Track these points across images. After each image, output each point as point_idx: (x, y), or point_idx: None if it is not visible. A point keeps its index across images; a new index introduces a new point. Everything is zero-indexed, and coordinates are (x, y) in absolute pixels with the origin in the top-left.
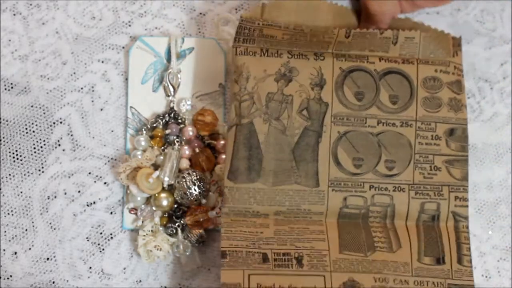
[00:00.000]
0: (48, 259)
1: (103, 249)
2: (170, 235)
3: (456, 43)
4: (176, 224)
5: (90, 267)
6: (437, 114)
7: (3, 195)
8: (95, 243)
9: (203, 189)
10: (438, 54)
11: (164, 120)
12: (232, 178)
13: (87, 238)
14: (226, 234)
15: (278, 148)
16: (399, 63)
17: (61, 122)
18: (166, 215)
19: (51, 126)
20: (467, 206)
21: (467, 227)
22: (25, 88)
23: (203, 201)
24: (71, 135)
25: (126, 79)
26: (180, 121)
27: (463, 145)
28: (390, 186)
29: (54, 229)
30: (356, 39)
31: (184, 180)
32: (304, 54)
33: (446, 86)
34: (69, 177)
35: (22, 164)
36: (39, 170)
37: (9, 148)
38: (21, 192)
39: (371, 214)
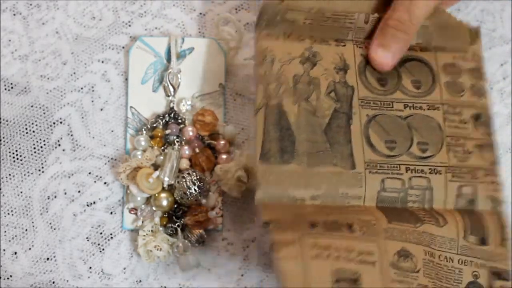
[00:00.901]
0: (48, 259)
1: (103, 249)
2: (170, 235)
3: (474, 31)
4: (176, 224)
5: (90, 267)
6: (461, 99)
7: (3, 195)
8: (95, 243)
9: (203, 189)
10: (454, 42)
11: (164, 120)
12: (265, 160)
13: (87, 238)
14: (265, 211)
15: (310, 129)
16: (417, 51)
17: (61, 122)
18: (166, 215)
19: (51, 126)
20: (502, 190)
21: (505, 212)
22: (25, 88)
23: (203, 201)
24: (71, 135)
25: (126, 79)
26: (180, 121)
27: (489, 131)
28: (426, 168)
29: (54, 229)
30: (374, 25)
31: (184, 180)
32: (326, 40)
33: (466, 72)
34: (69, 177)
35: (22, 164)
36: (39, 170)
37: (9, 148)
38: (21, 192)
39: (409, 198)
